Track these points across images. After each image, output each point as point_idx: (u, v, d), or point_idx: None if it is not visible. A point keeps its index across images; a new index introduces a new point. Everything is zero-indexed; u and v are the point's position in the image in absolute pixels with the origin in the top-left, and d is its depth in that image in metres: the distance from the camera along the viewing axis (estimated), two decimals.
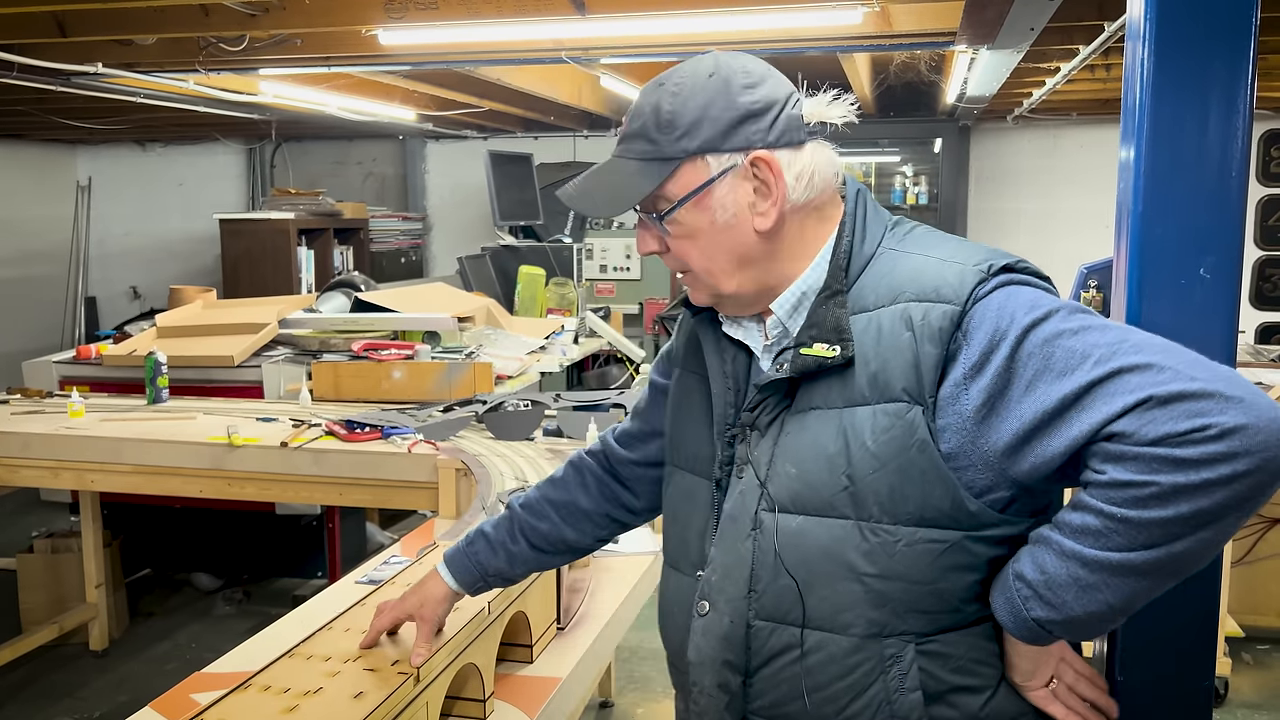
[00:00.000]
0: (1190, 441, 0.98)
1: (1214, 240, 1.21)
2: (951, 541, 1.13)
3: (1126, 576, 1.04)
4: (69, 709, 3.72)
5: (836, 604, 1.16)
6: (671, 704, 1.35)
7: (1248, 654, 4.03)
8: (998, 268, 1.15)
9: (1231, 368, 1.05)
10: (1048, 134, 7.55)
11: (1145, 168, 1.22)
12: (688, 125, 1.19)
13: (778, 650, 1.19)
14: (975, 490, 1.12)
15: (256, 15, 3.93)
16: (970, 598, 1.15)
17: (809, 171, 1.22)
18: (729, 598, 1.22)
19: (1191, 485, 0.98)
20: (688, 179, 1.21)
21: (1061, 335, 1.07)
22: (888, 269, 1.20)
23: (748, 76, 1.21)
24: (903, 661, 1.15)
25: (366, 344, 4.15)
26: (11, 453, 3.38)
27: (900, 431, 1.13)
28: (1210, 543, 1.02)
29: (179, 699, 1.73)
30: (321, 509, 4.33)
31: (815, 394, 1.19)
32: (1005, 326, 1.10)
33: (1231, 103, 1.18)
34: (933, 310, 1.14)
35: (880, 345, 1.15)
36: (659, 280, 7.74)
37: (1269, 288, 6.24)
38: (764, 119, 1.20)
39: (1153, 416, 0.99)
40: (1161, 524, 1.00)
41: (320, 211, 7.30)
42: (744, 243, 1.22)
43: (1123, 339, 1.05)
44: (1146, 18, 1.20)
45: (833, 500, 1.16)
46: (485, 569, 1.57)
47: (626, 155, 1.24)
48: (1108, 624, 1.10)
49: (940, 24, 3.86)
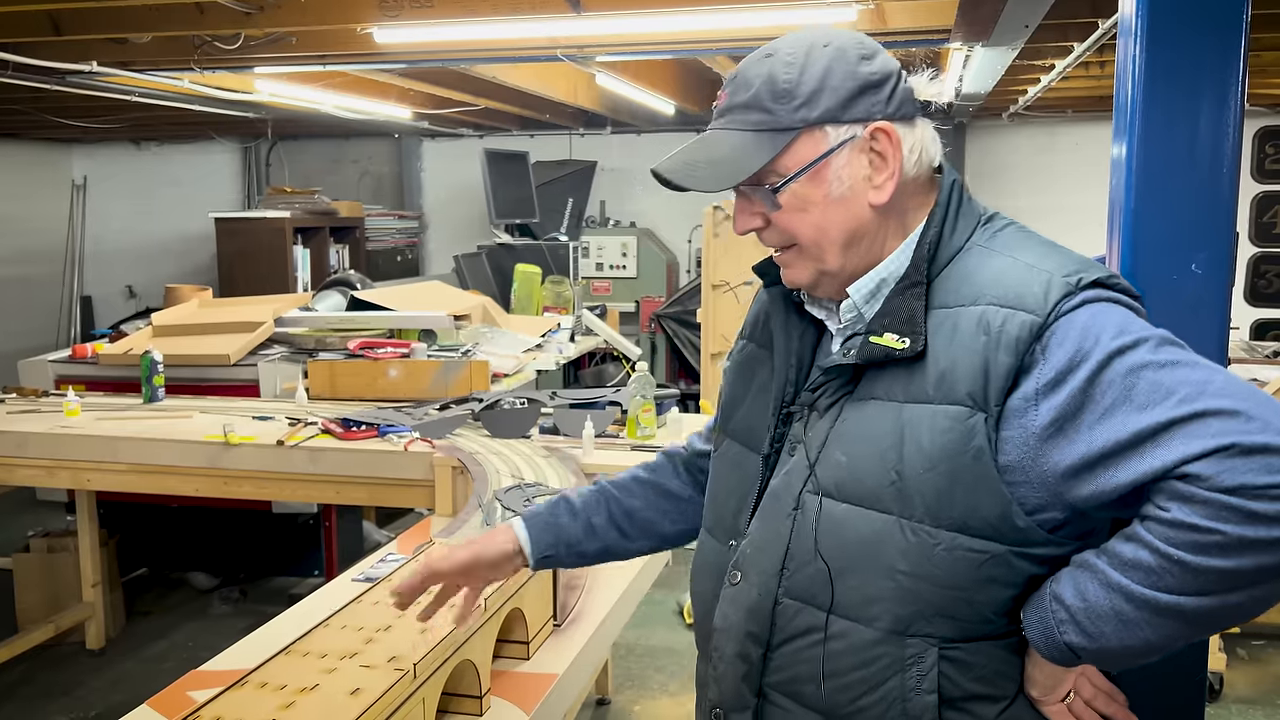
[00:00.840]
0: (1268, 496, 0.95)
1: (1206, 236, 1.22)
2: (993, 554, 1.10)
3: (1171, 619, 1.02)
4: (65, 708, 3.72)
5: (866, 595, 1.14)
6: (668, 701, 1.36)
7: (1242, 649, 4.05)
8: (1087, 281, 1.11)
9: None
10: (1043, 131, 7.56)
11: (1137, 164, 1.22)
12: (808, 95, 1.16)
13: (801, 630, 1.19)
14: (1027, 507, 1.09)
15: (252, 14, 3.93)
16: (1002, 611, 1.13)
17: (919, 147, 1.20)
18: (761, 571, 1.21)
19: (1261, 541, 0.96)
20: (805, 150, 1.17)
21: (1148, 367, 1.03)
22: (974, 267, 1.17)
23: (862, 47, 1.19)
24: (923, 663, 1.13)
25: (362, 342, 4.15)
26: (8, 452, 3.38)
27: (958, 435, 1.10)
28: (1263, 600, 1.00)
29: (176, 696, 1.74)
30: (318, 507, 4.32)
31: (879, 384, 1.16)
32: (1089, 348, 1.06)
33: (1223, 99, 1.19)
34: (1012, 318, 1.10)
35: (953, 345, 1.12)
36: (655, 279, 7.75)
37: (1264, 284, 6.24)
38: (883, 90, 1.18)
39: (1233, 465, 0.96)
40: (1219, 574, 0.98)
41: (316, 210, 7.29)
42: (857, 216, 1.19)
43: (1210, 379, 1.01)
44: (1138, 15, 1.20)
45: (879, 493, 1.14)
46: (563, 535, 1.48)
47: (733, 126, 1.19)
48: (1139, 659, 1.08)
49: (935, 21, 3.86)
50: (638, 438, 3.10)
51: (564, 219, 7.92)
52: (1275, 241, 6.19)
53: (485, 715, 1.79)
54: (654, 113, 6.86)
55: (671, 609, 4.37)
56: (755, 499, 1.26)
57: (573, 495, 1.51)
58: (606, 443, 3.09)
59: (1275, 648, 4.09)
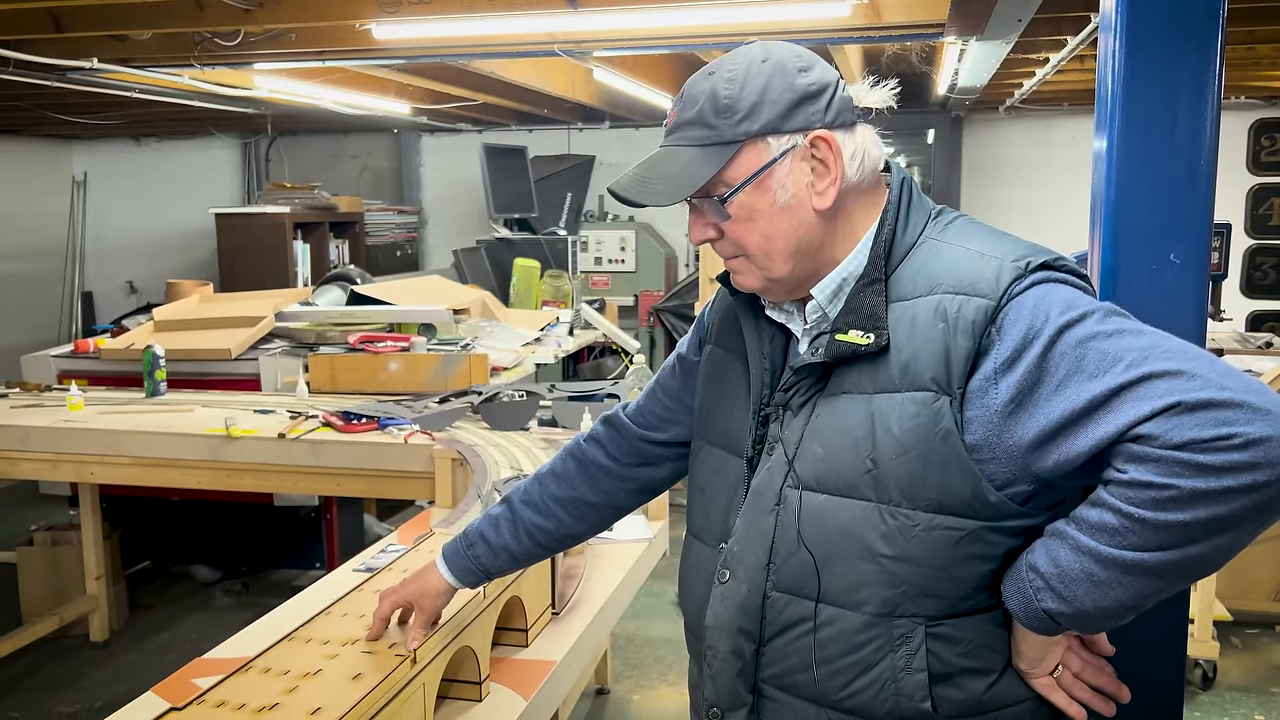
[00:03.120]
0: (1214, 448, 0.99)
1: (1184, 227, 1.24)
2: (969, 530, 1.15)
3: (1139, 575, 1.06)
4: (70, 700, 3.75)
5: (852, 581, 1.19)
6: (667, 690, 1.40)
7: (1236, 638, 4.08)
8: (1035, 265, 1.16)
9: (1226, 363, 1.06)
10: (1040, 124, 7.57)
11: (1118, 157, 1.25)
12: (748, 108, 1.21)
13: (791, 622, 1.23)
14: (997, 482, 1.14)
15: (251, 10, 3.95)
16: (983, 585, 1.17)
17: (861, 152, 1.24)
18: (748, 568, 1.26)
19: (1212, 491, 1.00)
20: (749, 162, 1.22)
21: (1096, 337, 1.08)
22: (926, 259, 1.22)
23: (800, 60, 1.23)
24: (911, 642, 1.17)
25: (363, 336, 4.18)
26: (11, 446, 3.41)
27: (926, 420, 1.15)
28: (1225, 549, 1.04)
29: (180, 683, 1.76)
30: (319, 500, 4.36)
31: (848, 379, 1.21)
32: (1040, 325, 1.11)
33: (1201, 93, 1.21)
34: (968, 304, 1.15)
35: (913, 335, 1.17)
36: (654, 272, 7.76)
37: (1259, 276, 6.27)
38: (821, 99, 1.22)
39: (1180, 422, 1.00)
40: (1179, 527, 1.02)
41: (316, 205, 7.31)
42: (803, 223, 1.24)
43: (1156, 344, 1.06)
44: (1118, 10, 1.23)
45: (856, 482, 1.18)
46: (486, 568, 1.60)
47: (681, 143, 1.24)
48: (1117, 619, 1.12)
49: (929, 16, 3.88)
50: None
51: (563, 213, 7.94)
52: (1271, 233, 6.22)
53: (484, 701, 1.83)
54: (652, 107, 6.87)
55: (670, 600, 4.40)
56: (741, 500, 1.30)
57: (487, 528, 1.60)
58: None
59: (1269, 636, 4.12)
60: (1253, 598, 4.10)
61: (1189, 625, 3.56)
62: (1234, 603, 3.96)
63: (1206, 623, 3.61)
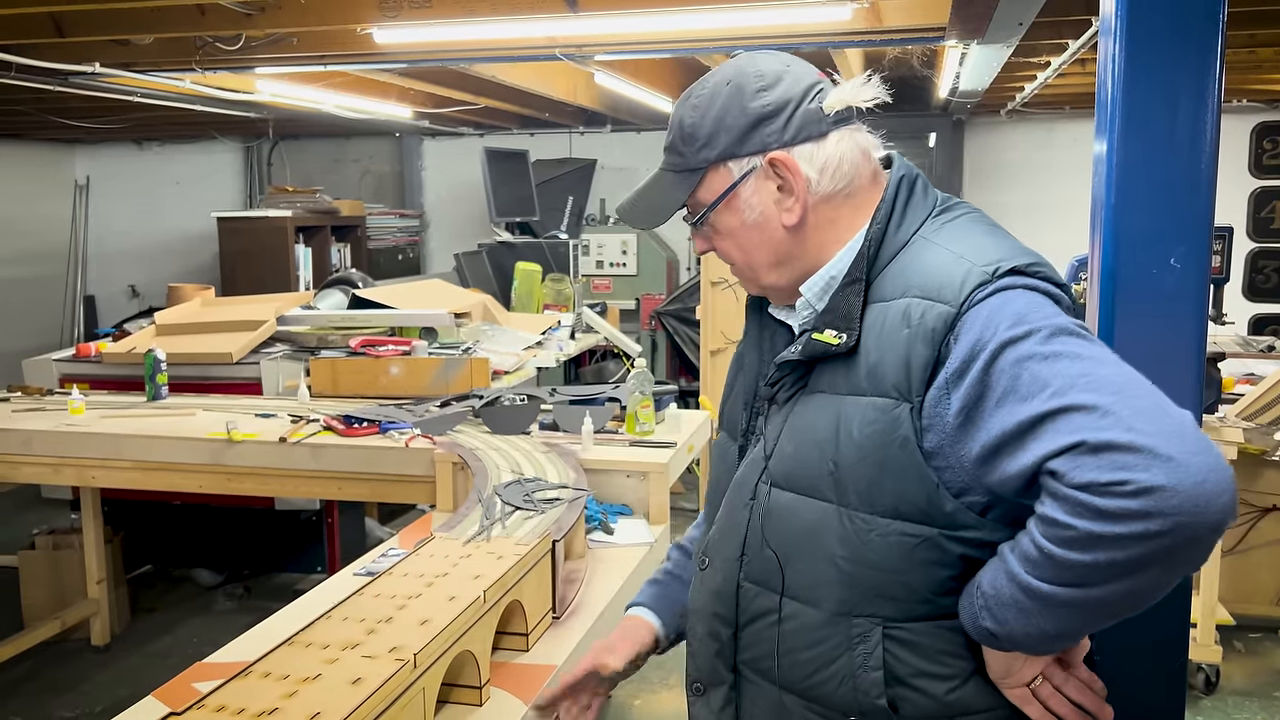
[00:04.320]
0: (1110, 493, 0.98)
1: (1184, 230, 1.24)
2: (925, 537, 1.15)
3: (1056, 608, 1.06)
4: (71, 704, 3.76)
5: (812, 579, 1.21)
6: (668, 695, 1.42)
7: (1239, 642, 4.07)
8: (1004, 270, 1.15)
9: (1189, 414, 1.03)
10: (1041, 127, 7.57)
11: (1118, 160, 1.25)
12: (706, 136, 1.26)
13: (760, 612, 1.27)
14: (953, 490, 1.14)
15: (252, 14, 3.96)
16: (942, 592, 1.17)
17: (835, 162, 1.25)
18: (724, 558, 1.31)
19: (1108, 536, 0.99)
20: (714, 185, 1.28)
21: (1033, 358, 1.07)
22: (911, 260, 1.22)
23: (761, 80, 1.25)
24: (869, 642, 1.19)
25: (364, 340, 4.18)
26: (13, 450, 3.41)
27: (885, 426, 1.16)
28: (1133, 593, 1.03)
29: (180, 688, 1.77)
30: (321, 504, 4.36)
31: (824, 378, 1.24)
32: (987, 338, 1.10)
33: (1201, 96, 1.21)
34: (930, 310, 1.16)
35: (881, 338, 1.18)
36: (655, 276, 7.76)
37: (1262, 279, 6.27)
38: (777, 120, 1.24)
39: (1082, 462, 1.00)
40: (1081, 567, 1.02)
41: (317, 209, 7.32)
42: (775, 238, 1.28)
43: (1086, 373, 1.04)
44: (1118, 14, 1.23)
45: (818, 483, 1.21)
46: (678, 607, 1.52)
47: (665, 168, 1.33)
48: (1047, 646, 1.12)
49: (930, 19, 3.88)
50: (636, 433, 3.13)
51: (564, 217, 7.94)
52: (1273, 237, 6.21)
53: (485, 705, 1.82)
54: (653, 111, 6.87)
55: None
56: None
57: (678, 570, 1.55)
58: (605, 438, 3.11)
59: (1272, 640, 4.11)
60: (1256, 602, 4.09)
61: (1192, 630, 3.55)
62: (1237, 607, 3.95)
63: (1209, 627, 3.60)
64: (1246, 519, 4.01)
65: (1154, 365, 1.23)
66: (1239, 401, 3.77)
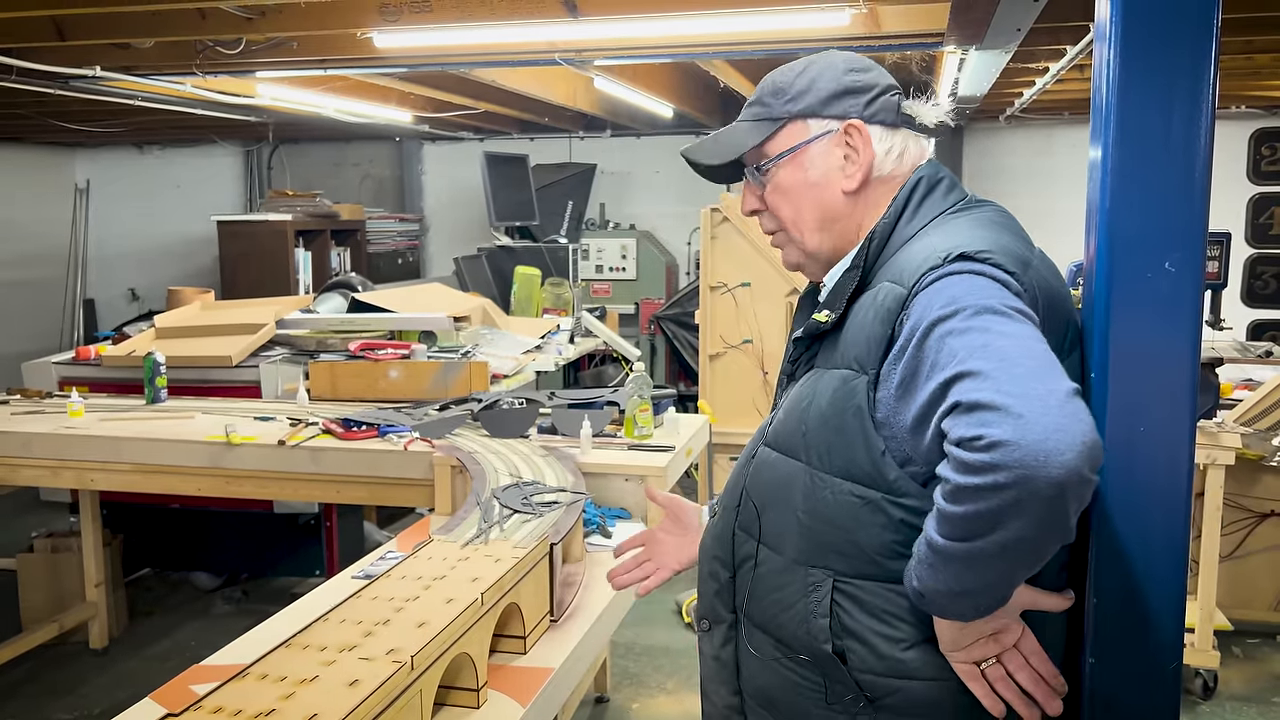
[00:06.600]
0: (970, 447, 1.06)
1: (1179, 235, 1.24)
2: (871, 499, 1.25)
3: (950, 562, 1.12)
4: (69, 706, 3.76)
5: (781, 528, 1.35)
6: (665, 699, 1.46)
7: (1237, 647, 4.07)
8: (954, 255, 1.23)
9: (1069, 385, 1.07)
10: (1040, 133, 7.58)
11: (1112, 165, 1.25)
12: (795, 92, 1.40)
13: (745, 558, 1.41)
14: (899, 459, 1.23)
15: (253, 19, 3.97)
16: (890, 555, 1.25)
17: (899, 150, 1.39)
18: (725, 506, 1.46)
19: (969, 488, 1.06)
20: (788, 138, 1.41)
21: (952, 334, 1.14)
22: (906, 251, 1.31)
23: (857, 63, 1.41)
24: (820, 591, 1.29)
25: (363, 344, 4.19)
26: (12, 452, 3.41)
27: (844, 394, 1.27)
28: (1006, 547, 1.08)
29: (178, 690, 1.77)
30: (319, 507, 4.36)
31: (820, 354, 1.37)
32: (924, 317, 1.19)
33: (1195, 101, 1.21)
34: (890, 292, 1.26)
35: (856, 318, 1.30)
36: (655, 281, 7.78)
37: (1260, 285, 6.27)
38: (863, 95, 1.39)
39: (957, 421, 1.08)
40: (958, 519, 1.09)
41: (317, 213, 7.33)
42: (829, 199, 1.40)
43: (986, 345, 1.11)
44: (1112, 19, 1.23)
45: (793, 443, 1.34)
46: None
47: (743, 119, 1.45)
48: (962, 604, 1.16)
49: (928, 25, 3.89)
50: (635, 437, 3.13)
51: (564, 221, 7.95)
52: (1271, 243, 6.22)
53: (482, 707, 1.82)
54: (653, 115, 6.89)
55: (670, 608, 4.40)
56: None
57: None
58: (604, 442, 3.12)
59: (1270, 646, 4.11)
60: (1254, 607, 4.10)
61: (1190, 635, 3.55)
62: (1235, 612, 3.95)
63: (1207, 632, 3.60)
64: (1245, 524, 4.01)
65: (1149, 368, 1.25)
66: (1237, 407, 3.77)
